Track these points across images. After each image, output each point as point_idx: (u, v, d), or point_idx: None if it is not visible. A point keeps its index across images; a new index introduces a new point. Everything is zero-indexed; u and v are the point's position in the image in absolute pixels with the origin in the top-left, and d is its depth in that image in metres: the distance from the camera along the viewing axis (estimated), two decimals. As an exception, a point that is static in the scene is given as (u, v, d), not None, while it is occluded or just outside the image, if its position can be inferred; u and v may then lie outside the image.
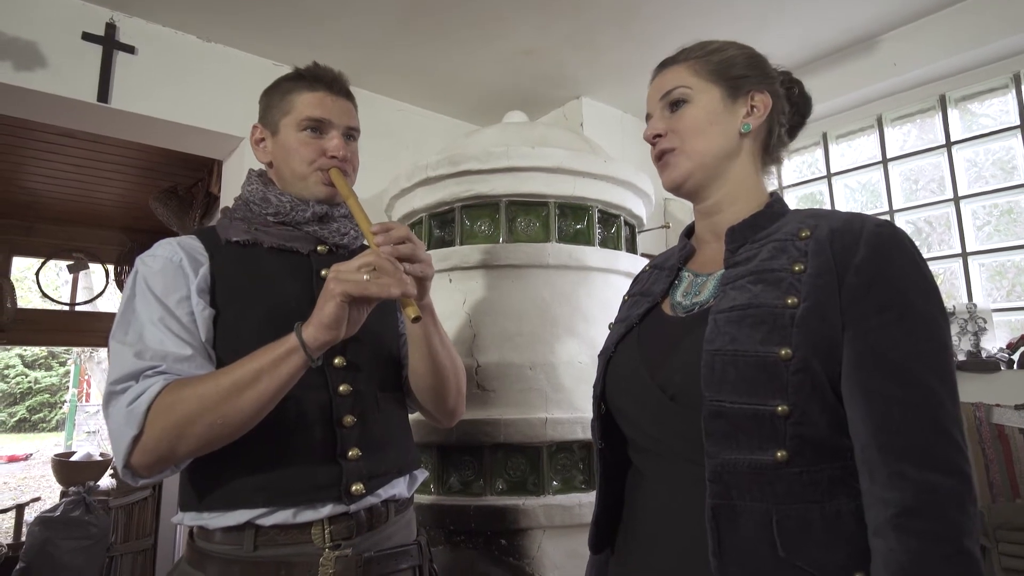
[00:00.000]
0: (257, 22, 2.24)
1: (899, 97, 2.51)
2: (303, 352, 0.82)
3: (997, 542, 1.66)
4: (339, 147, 1.00)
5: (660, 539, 0.72)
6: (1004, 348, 2.03)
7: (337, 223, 1.04)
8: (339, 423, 0.92)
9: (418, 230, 2.10)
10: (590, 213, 1.99)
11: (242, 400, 0.80)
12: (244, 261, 0.95)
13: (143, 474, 0.82)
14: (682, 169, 0.81)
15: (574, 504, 1.63)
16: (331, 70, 1.05)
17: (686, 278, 0.83)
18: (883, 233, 0.66)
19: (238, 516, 0.86)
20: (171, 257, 0.91)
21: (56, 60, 2.00)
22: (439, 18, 2.23)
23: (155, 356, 0.83)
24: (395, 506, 0.99)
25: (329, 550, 0.88)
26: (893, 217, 2.51)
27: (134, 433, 0.78)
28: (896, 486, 0.58)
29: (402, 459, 1.02)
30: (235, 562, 0.86)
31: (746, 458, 0.63)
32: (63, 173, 3.90)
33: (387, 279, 0.81)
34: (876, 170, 2.59)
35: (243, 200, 1.02)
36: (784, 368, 0.63)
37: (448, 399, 1.08)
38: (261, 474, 0.87)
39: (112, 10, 2.12)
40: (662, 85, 0.84)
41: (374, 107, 2.82)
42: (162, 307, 0.87)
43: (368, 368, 0.99)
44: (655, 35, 2.38)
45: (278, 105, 1.02)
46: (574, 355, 1.77)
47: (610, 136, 2.96)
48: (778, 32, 2.38)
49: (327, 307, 0.82)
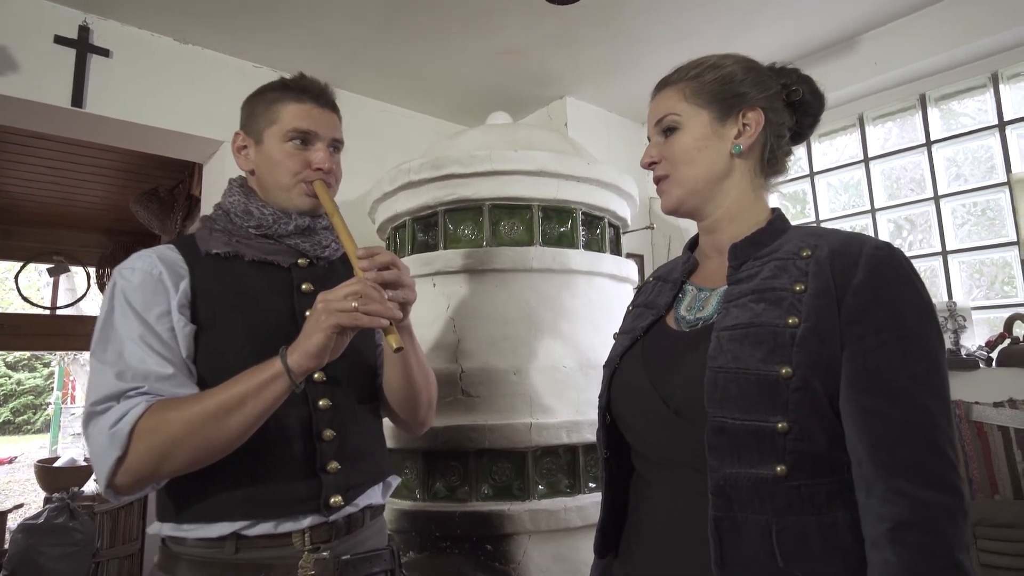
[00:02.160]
0: (235, 23, 2.20)
1: (880, 96, 2.53)
2: (288, 378, 0.83)
3: (976, 538, 1.68)
4: (325, 159, 1.00)
5: (663, 546, 0.75)
6: (983, 346, 2.06)
7: (319, 235, 1.04)
8: (319, 437, 0.93)
9: (401, 234, 2.09)
10: (574, 216, 1.99)
11: (228, 423, 0.81)
12: (225, 275, 0.95)
13: (125, 493, 0.83)
14: (673, 197, 0.83)
15: (559, 508, 1.63)
16: (318, 82, 1.04)
17: (690, 292, 0.84)
18: (881, 256, 0.69)
19: (220, 528, 0.86)
20: (150, 270, 0.90)
21: (28, 64, 1.96)
22: (421, 18, 2.21)
23: (136, 376, 0.83)
24: (371, 512, 1.01)
25: (308, 553, 0.89)
26: (875, 216, 2.53)
27: (117, 455, 0.78)
28: (892, 501, 0.61)
29: (377, 468, 1.04)
30: (213, 564, 0.87)
31: (747, 472, 0.66)
32: (41, 176, 3.83)
33: (375, 307, 0.83)
34: (858, 169, 2.61)
35: (224, 211, 1.01)
36: (785, 386, 0.66)
37: (420, 410, 1.09)
38: (242, 489, 0.88)
39: (85, 12, 2.08)
40: (656, 110, 0.85)
41: (357, 108, 2.79)
42: (142, 324, 0.86)
43: (347, 382, 1.00)
44: (638, 33, 2.37)
45: (263, 114, 1.01)
46: (559, 359, 1.77)
47: (595, 136, 2.95)
48: (760, 31, 2.39)
49: (315, 337, 0.83)
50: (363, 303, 0.82)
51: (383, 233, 2.27)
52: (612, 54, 2.53)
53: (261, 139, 1.01)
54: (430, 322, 1.87)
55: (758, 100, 0.81)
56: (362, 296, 0.83)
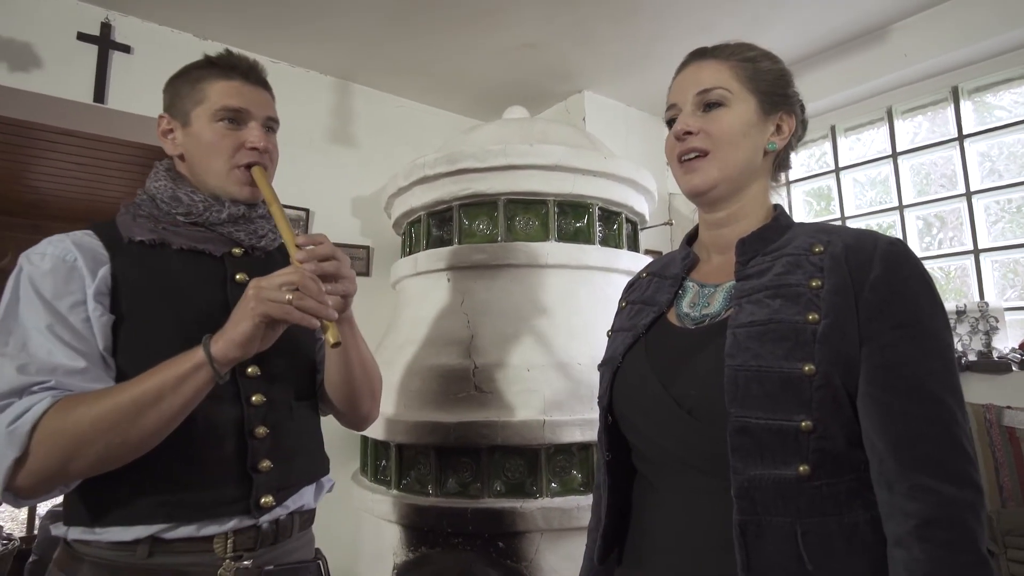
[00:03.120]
0: (254, 19, 2.21)
1: (910, 88, 2.44)
2: (210, 367, 0.77)
3: (1006, 548, 1.62)
4: (260, 138, 0.93)
5: (679, 552, 0.72)
6: (1016, 348, 1.98)
7: (254, 224, 0.96)
8: (251, 434, 0.87)
9: (416, 229, 2.08)
10: (590, 211, 1.96)
11: (143, 420, 0.75)
12: (150, 263, 0.87)
13: (27, 496, 0.75)
14: (709, 177, 0.78)
15: (572, 507, 1.61)
16: (247, 58, 0.96)
17: (691, 288, 0.82)
18: (896, 251, 0.68)
19: (136, 532, 0.80)
20: (64, 256, 0.82)
21: (51, 61, 1.99)
22: (437, 12, 2.20)
23: (42, 369, 0.76)
24: (300, 519, 0.95)
25: (230, 560, 0.83)
26: (903, 212, 2.45)
27: (15, 455, 0.71)
28: (917, 497, 0.60)
29: (311, 468, 0.98)
30: (123, 569, 0.80)
31: (771, 473, 0.65)
32: (67, 172, 3.92)
33: (310, 303, 0.78)
34: (886, 164, 2.53)
35: (149, 196, 0.93)
36: (808, 384, 0.65)
37: (362, 406, 1.05)
38: (164, 489, 0.81)
39: (107, 9, 2.11)
40: (699, 79, 0.80)
41: (374, 104, 2.79)
42: (51, 313, 0.79)
43: (283, 377, 0.94)
44: (657, 27, 2.33)
45: (189, 94, 0.93)
46: (573, 356, 1.74)
47: (613, 130, 2.91)
48: (784, 21, 2.32)
49: (242, 325, 0.78)
50: (298, 297, 0.77)
51: (399, 228, 2.27)
52: (630, 48, 2.48)
53: (188, 120, 0.93)
54: (444, 317, 1.86)
55: (792, 106, 0.82)
56: (298, 287, 0.78)
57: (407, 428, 1.71)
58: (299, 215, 2.48)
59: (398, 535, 1.74)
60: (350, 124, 2.70)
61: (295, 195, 2.48)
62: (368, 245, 2.68)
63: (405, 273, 2.05)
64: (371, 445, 1.94)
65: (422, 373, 1.77)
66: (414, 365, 1.80)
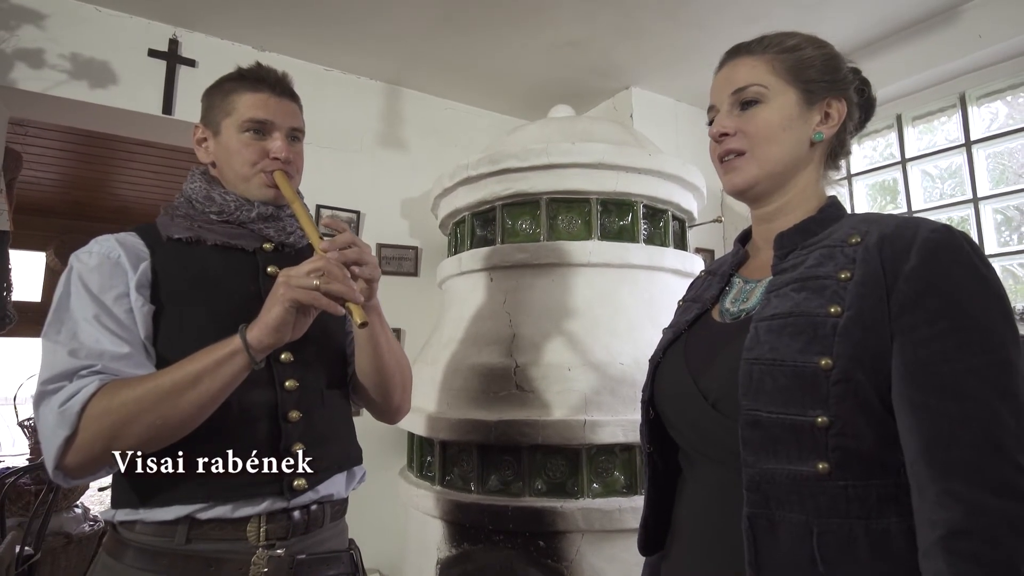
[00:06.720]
0: (305, 29, 2.31)
1: (985, 72, 2.27)
2: (246, 354, 0.82)
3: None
4: (282, 148, 0.98)
5: (699, 544, 0.73)
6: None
7: (283, 222, 1.02)
8: (284, 418, 0.92)
9: (461, 229, 2.11)
10: (634, 209, 1.93)
11: (182, 401, 0.79)
12: (187, 258, 0.94)
13: (76, 475, 0.80)
14: (748, 175, 0.78)
15: (614, 509, 1.59)
16: (274, 71, 1.02)
17: (736, 284, 0.82)
18: (938, 239, 0.63)
19: (176, 511, 0.84)
20: (108, 253, 0.89)
21: (125, 77, 2.15)
22: (481, 12, 2.22)
23: (90, 355, 0.81)
24: (331, 509, 0.98)
25: (263, 549, 0.87)
26: (977, 206, 2.28)
27: (67, 434, 0.76)
28: (945, 505, 0.56)
29: (343, 454, 1.02)
30: (163, 554, 0.84)
31: (784, 468, 0.62)
32: (145, 180, 4.21)
33: (337, 286, 0.83)
34: (958, 154, 2.36)
35: (185, 197, 1.00)
36: (824, 378, 0.62)
37: (393, 397, 1.08)
38: (201, 470, 0.86)
39: (175, 26, 2.26)
40: (734, 78, 0.79)
41: (422, 107, 2.85)
42: (98, 304, 0.85)
43: (315, 364, 0.99)
44: (705, 18, 2.26)
45: (220, 105, 1.00)
46: (615, 356, 1.72)
47: (663, 127, 2.86)
48: (841, 9, 2.21)
49: (274, 311, 0.82)
50: (324, 282, 0.82)
51: (444, 228, 2.30)
52: (678, 41, 2.43)
53: (219, 130, 1.00)
54: (486, 316, 1.88)
55: (841, 91, 0.78)
56: (324, 273, 0.83)
57: (449, 425, 1.73)
58: (350, 217, 2.57)
59: (441, 530, 1.77)
60: (399, 128, 2.77)
61: (346, 198, 2.56)
62: (416, 246, 2.74)
63: (450, 273, 2.08)
64: (417, 441, 1.98)
65: (464, 371, 1.79)
66: (457, 363, 1.83)
